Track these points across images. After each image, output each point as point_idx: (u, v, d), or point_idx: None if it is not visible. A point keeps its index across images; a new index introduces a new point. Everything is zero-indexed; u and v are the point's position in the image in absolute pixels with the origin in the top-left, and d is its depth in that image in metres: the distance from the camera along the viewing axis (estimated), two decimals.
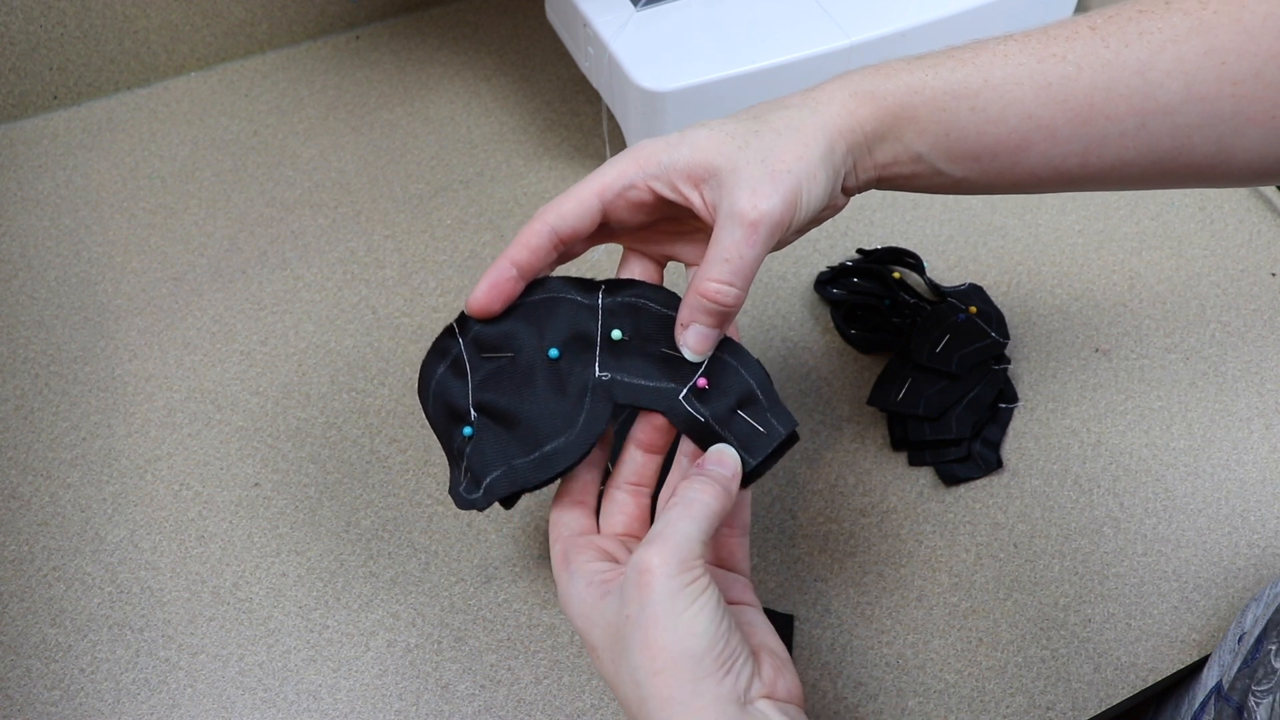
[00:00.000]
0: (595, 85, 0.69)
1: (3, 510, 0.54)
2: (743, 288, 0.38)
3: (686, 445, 0.41)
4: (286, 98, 0.74)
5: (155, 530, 0.53)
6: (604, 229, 0.41)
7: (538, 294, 0.41)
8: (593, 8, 0.65)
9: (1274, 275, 0.64)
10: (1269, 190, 0.68)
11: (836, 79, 0.40)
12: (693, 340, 0.39)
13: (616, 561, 0.38)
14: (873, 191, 0.68)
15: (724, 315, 0.39)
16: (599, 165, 0.69)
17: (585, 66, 0.69)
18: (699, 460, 0.39)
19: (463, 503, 0.41)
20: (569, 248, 0.41)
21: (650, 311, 0.41)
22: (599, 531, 0.40)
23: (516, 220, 0.67)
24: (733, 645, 0.34)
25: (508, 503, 0.41)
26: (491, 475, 0.40)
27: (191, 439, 0.57)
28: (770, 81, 0.64)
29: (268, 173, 0.69)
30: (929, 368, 0.57)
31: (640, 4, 0.66)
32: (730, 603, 0.39)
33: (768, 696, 0.35)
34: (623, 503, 0.41)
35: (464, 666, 0.49)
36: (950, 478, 0.55)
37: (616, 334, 0.41)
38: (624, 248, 0.44)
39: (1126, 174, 0.39)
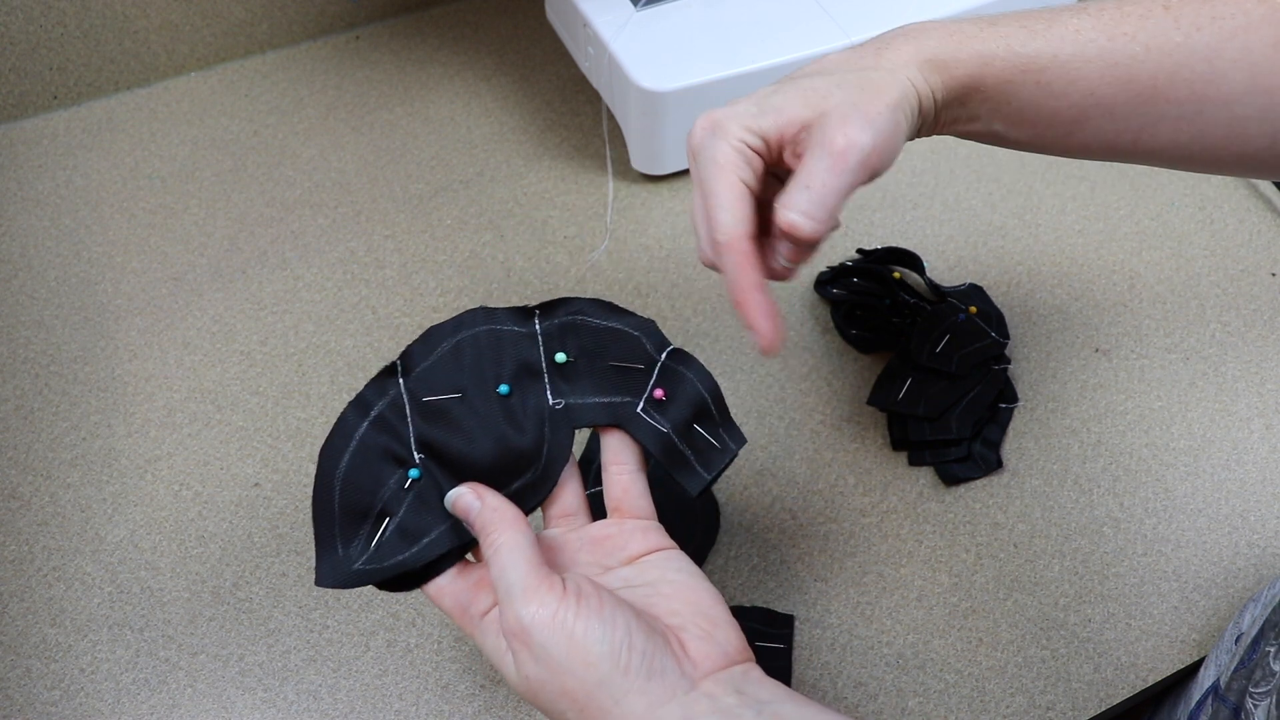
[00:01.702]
0: (595, 85, 0.69)
1: (3, 510, 0.54)
2: (823, 220, 0.36)
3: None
4: (286, 98, 0.74)
5: (155, 530, 0.53)
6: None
7: (471, 329, 0.40)
8: (593, 8, 0.65)
9: (1274, 275, 0.64)
10: (1269, 190, 0.68)
11: (905, 37, 0.40)
12: (791, 212, 0.36)
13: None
14: (873, 191, 0.68)
15: (802, 251, 0.38)
16: (599, 165, 0.69)
17: (585, 66, 0.69)
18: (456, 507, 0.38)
19: (347, 576, 0.37)
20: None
21: (590, 327, 0.41)
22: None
23: (516, 220, 0.67)
24: (639, 646, 0.33)
25: (408, 582, 0.38)
26: (435, 531, 0.38)
27: (191, 439, 0.57)
28: (770, 82, 0.64)
29: (268, 173, 0.69)
30: (929, 368, 0.57)
31: (640, 4, 0.66)
32: (634, 559, 0.38)
33: (708, 673, 0.34)
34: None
35: (464, 666, 0.49)
36: (950, 478, 0.55)
37: (561, 357, 0.40)
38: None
39: (1176, 155, 0.39)
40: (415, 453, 0.39)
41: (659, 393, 0.40)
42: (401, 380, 0.40)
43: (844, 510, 0.54)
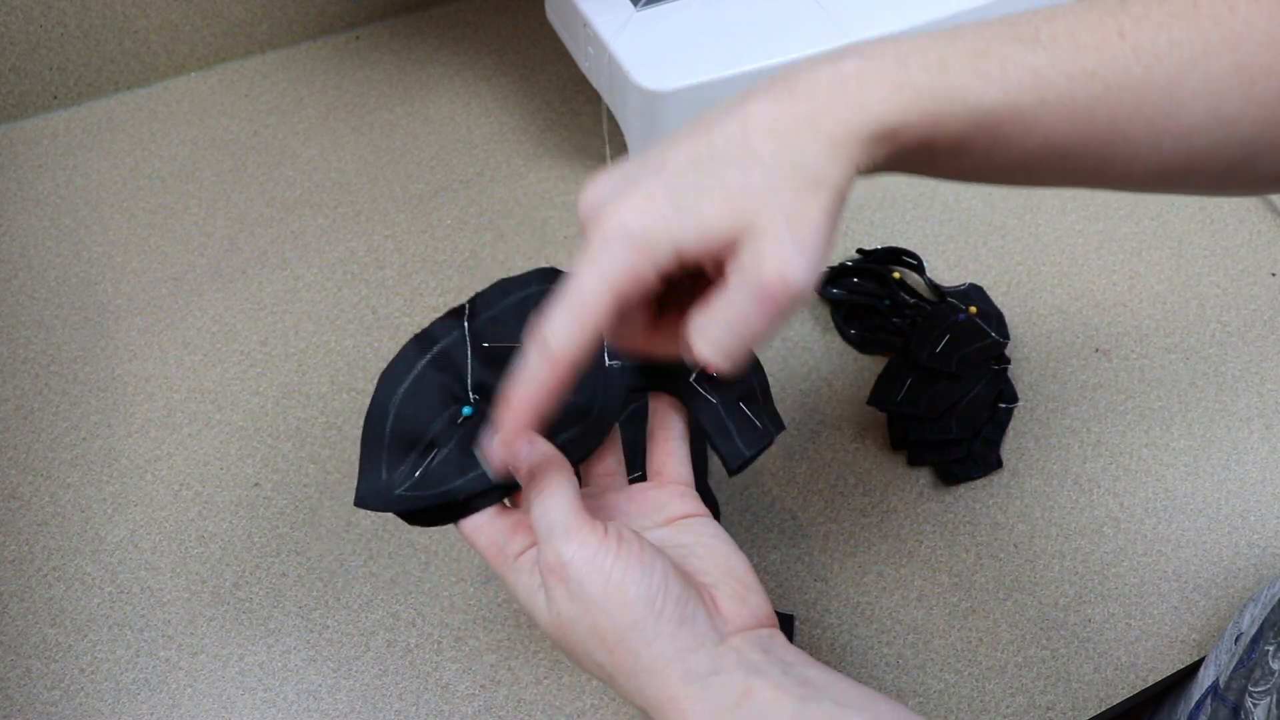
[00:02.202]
0: (595, 85, 0.69)
1: (3, 510, 0.54)
2: (740, 357, 0.33)
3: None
4: (286, 98, 0.74)
5: (155, 530, 0.53)
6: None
7: (541, 285, 0.41)
8: (593, 8, 0.65)
9: (1274, 275, 0.64)
10: None
11: (846, 93, 0.34)
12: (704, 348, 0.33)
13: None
14: (873, 191, 0.68)
15: (736, 363, 0.34)
16: (599, 165, 0.69)
17: (585, 66, 0.69)
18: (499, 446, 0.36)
19: (388, 500, 0.37)
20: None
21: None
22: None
23: (516, 220, 0.67)
24: (674, 593, 0.33)
25: (438, 517, 0.38)
26: (481, 468, 0.37)
27: (191, 439, 0.57)
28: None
29: (268, 173, 0.69)
30: (929, 368, 0.56)
31: (640, 4, 0.66)
32: (672, 521, 0.38)
33: (737, 630, 0.34)
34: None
35: (464, 666, 0.49)
36: (950, 478, 0.55)
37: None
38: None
39: (1127, 185, 0.38)
40: (471, 393, 0.40)
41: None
42: (467, 323, 0.41)
43: (844, 510, 0.54)
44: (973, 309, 0.59)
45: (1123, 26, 0.35)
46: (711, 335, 0.32)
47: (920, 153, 0.35)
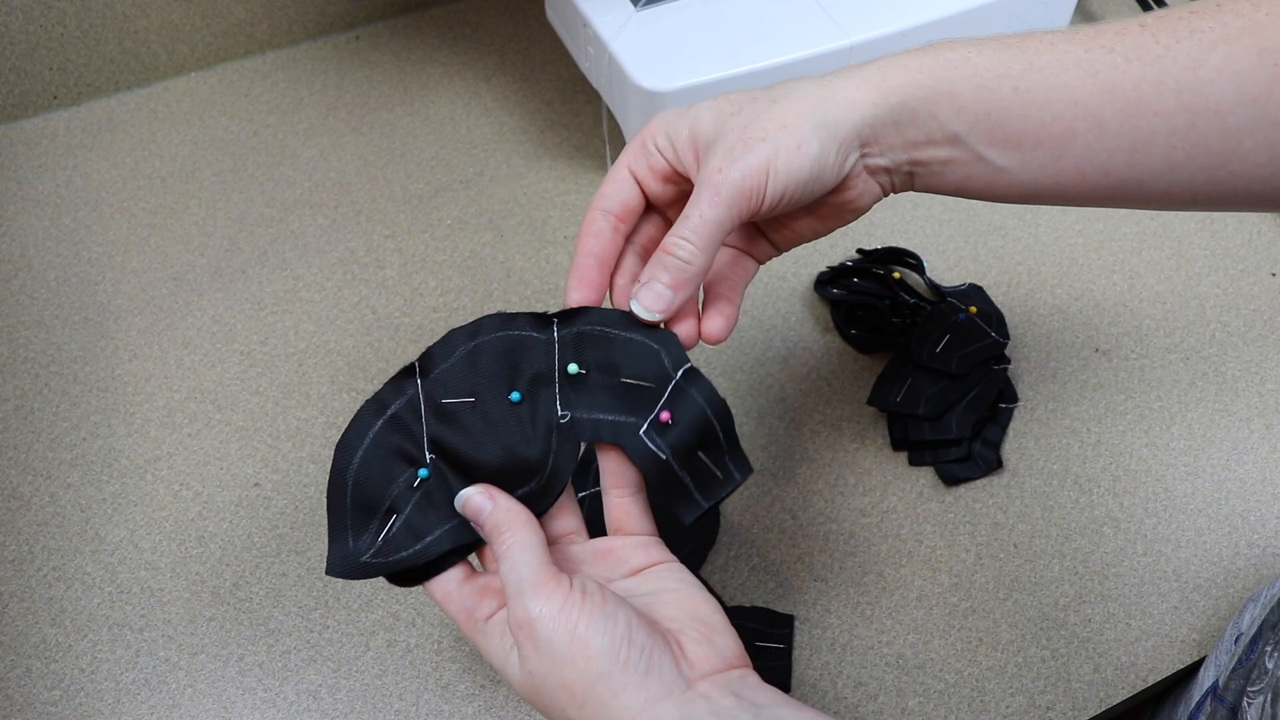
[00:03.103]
0: (595, 85, 0.69)
1: (3, 510, 0.54)
2: (700, 246, 0.37)
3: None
4: (286, 98, 0.74)
5: (155, 530, 0.53)
6: (655, 211, 0.41)
7: (489, 334, 0.40)
8: (593, 8, 0.65)
9: (1274, 275, 0.64)
10: None
11: (876, 59, 0.38)
12: (646, 296, 0.38)
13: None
14: None
15: (680, 274, 0.37)
16: (599, 165, 0.70)
17: (585, 66, 0.69)
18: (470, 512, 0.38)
19: (355, 568, 0.38)
20: (629, 227, 0.41)
21: (607, 338, 0.40)
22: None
23: (516, 220, 0.67)
24: (638, 642, 0.34)
25: (414, 577, 0.39)
26: (439, 530, 0.38)
27: (191, 439, 0.57)
28: (770, 82, 0.64)
29: (268, 173, 0.69)
30: (929, 368, 0.57)
31: (640, 4, 0.66)
32: (636, 571, 0.38)
33: (705, 675, 0.34)
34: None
35: (464, 666, 0.49)
36: (950, 478, 0.55)
37: (573, 368, 0.39)
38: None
39: (1175, 180, 0.37)
40: (427, 453, 0.39)
41: (665, 415, 0.39)
42: (419, 381, 0.40)
43: (844, 510, 0.54)
44: (973, 309, 0.59)
45: (1143, 20, 0.36)
46: (675, 227, 0.37)
47: (944, 100, 0.37)
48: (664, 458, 0.38)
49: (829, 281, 0.62)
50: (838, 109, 0.37)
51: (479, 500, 0.38)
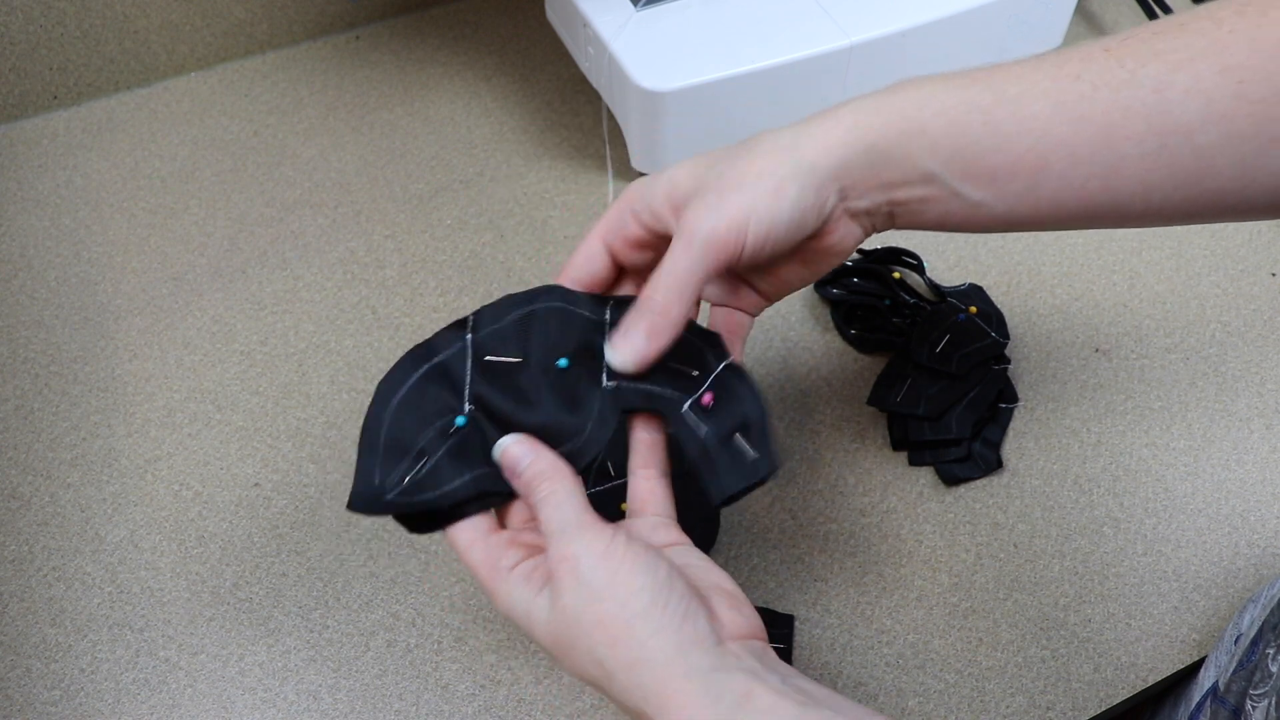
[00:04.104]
0: (595, 85, 0.69)
1: (3, 510, 0.54)
2: (673, 298, 0.38)
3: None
4: (286, 98, 0.74)
5: (155, 530, 0.53)
6: (634, 272, 0.42)
7: (545, 303, 0.41)
8: (593, 8, 0.65)
9: (1274, 275, 0.64)
10: None
11: (846, 101, 0.39)
12: (622, 347, 0.39)
13: (540, 550, 0.37)
14: None
15: (654, 323, 0.38)
16: (599, 165, 0.70)
17: (585, 66, 0.69)
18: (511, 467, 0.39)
19: (378, 505, 0.39)
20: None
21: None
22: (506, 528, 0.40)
23: (516, 220, 0.67)
24: (678, 590, 0.34)
25: (433, 524, 0.39)
26: (466, 476, 0.38)
27: (191, 439, 0.57)
28: (770, 81, 0.64)
29: (268, 173, 0.69)
30: (929, 368, 0.57)
31: (640, 4, 0.66)
32: (659, 547, 0.38)
33: (733, 637, 0.35)
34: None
35: (464, 666, 0.49)
36: (950, 478, 0.55)
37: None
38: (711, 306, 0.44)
39: (1151, 200, 0.38)
40: (467, 403, 0.40)
41: (707, 398, 0.40)
42: (470, 335, 0.41)
43: (844, 510, 0.54)
44: (973, 309, 0.59)
45: (1108, 45, 0.37)
46: (652, 279, 0.38)
47: (916, 138, 0.38)
48: (701, 435, 0.40)
49: (829, 281, 0.62)
50: (813, 152, 0.37)
51: (518, 449, 0.38)
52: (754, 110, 0.66)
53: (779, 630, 0.50)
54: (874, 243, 0.65)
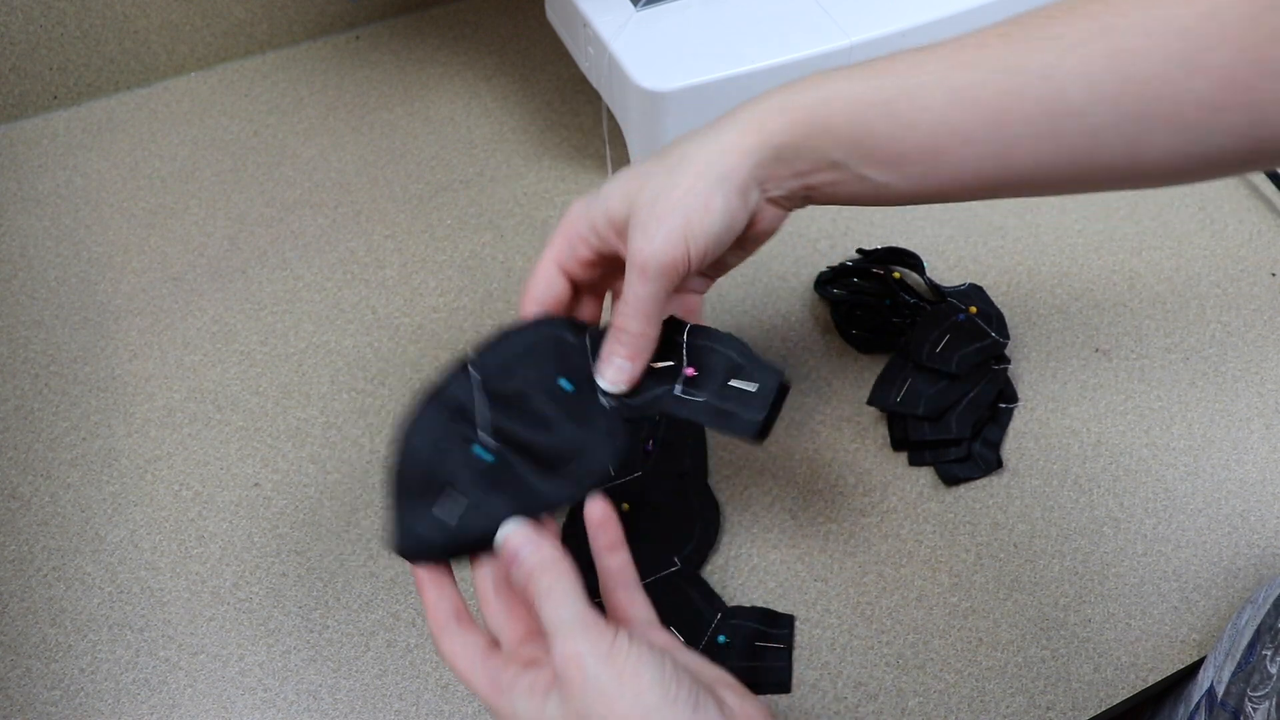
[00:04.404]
0: (595, 85, 0.69)
1: (3, 510, 0.54)
2: (643, 323, 0.41)
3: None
4: (286, 98, 0.74)
5: (155, 530, 0.53)
6: (588, 287, 0.45)
7: (539, 330, 0.44)
8: (593, 8, 0.65)
9: (1274, 275, 0.64)
10: (1269, 190, 0.68)
11: (756, 97, 0.41)
12: (610, 372, 0.42)
13: (536, 664, 0.38)
14: None
15: (633, 346, 0.42)
16: (599, 165, 0.69)
17: (585, 66, 0.69)
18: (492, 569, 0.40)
19: (420, 546, 0.40)
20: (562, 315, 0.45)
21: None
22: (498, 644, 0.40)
23: (516, 220, 0.67)
24: (686, 684, 0.35)
25: (470, 549, 0.40)
26: (495, 510, 0.40)
27: (191, 439, 0.57)
28: (770, 82, 0.64)
29: (268, 173, 0.69)
30: (929, 368, 0.57)
31: (640, 4, 0.66)
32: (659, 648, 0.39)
33: None
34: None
35: None
36: (950, 478, 0.55)
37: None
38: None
39: (1047, 176, 0.40)
40: (488, 436, 0.42)
41: (689, 371, 0.43)
42: (474, 371, 0.42)
43: (844, 510, 0.54)
44: (973, 309, 0.59)
45: (1003, 30, 0.39)
46: (616, 313, 0.41)
47: (823, 135, 0.40)
48: (703, 400, 0.42)
49: (829, 281, 0.62)
50: (729, 162, 0.40)
51: (517, 539, 0.39)
52: None
53: (779, 630, 0.50)
54: (874, 243, 0.65)
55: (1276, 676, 0.41)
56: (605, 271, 0.45)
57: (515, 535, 0.39)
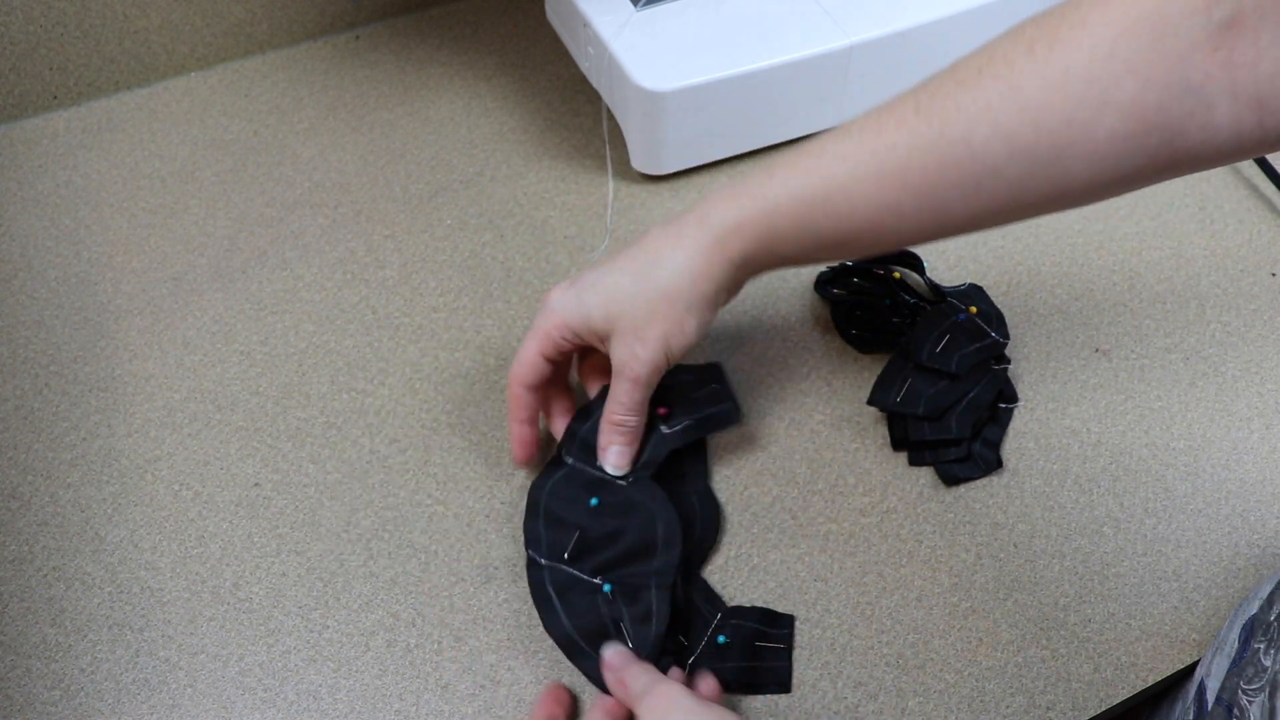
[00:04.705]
0: (595, 85, 0.69)
1: (3, 510, 0.54)
2: (635, 413, 0.50)
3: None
4: (286, 98, 0.74)
5: (155, 530, 0.53)
6: (562, 365, 0.53)
7: (547, 480, 0.52)
8: (593, 8, 0.65)
9: (1274, 275, 0.64)
10: (1269, 190, 0.68)
11: (702, 213, 0.47)
12: (613, 458, 0.51)
13: None
14: None
15: (629, 434, 0.50)
16: (599, 165, 0.70)
17: (585, 66, 0.69)
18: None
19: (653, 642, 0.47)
20: (542, 390, 0.53)
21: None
22: None
23: (516, 220, 0.67)
24: None
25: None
26: (655, 589, 0.48)
27: (191, 439, 0.57)
28: (770, 81, 0.64)
29: (268, 173, 0.69)
30: (929, 368, 0.56)
31: (640, 4, 0.66)
32: None
33: None
34: None
35: (464, 666, 0.49)
36: (950, 478, 0.55)
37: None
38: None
39: (982, 222, 0.44)
40: (594, 579, 0.49)
41: (661, 411, 0.52)
42: (533, 555, 0.50)
43: (844, 510, 0.54)
44: (973, 309, 0.59)
45: (919, 103, 0.42)
46: (609, 410, 0.50)
47: (773, 238, 0.46)
48: (688, 423, 0.53)
49: (829, 281, 0.62)
50: (699, 289, 0.47)
51: (622, 661, 0.46)
52: (754, 110, 0.66)
53: (779, 630, 0.50)
54: None
55: (1271, 669, 0.41)
56: (580, 353, 0.55)
57: (613, 658, 0.46)
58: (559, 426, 0.54)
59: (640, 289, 0.48)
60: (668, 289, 0.47)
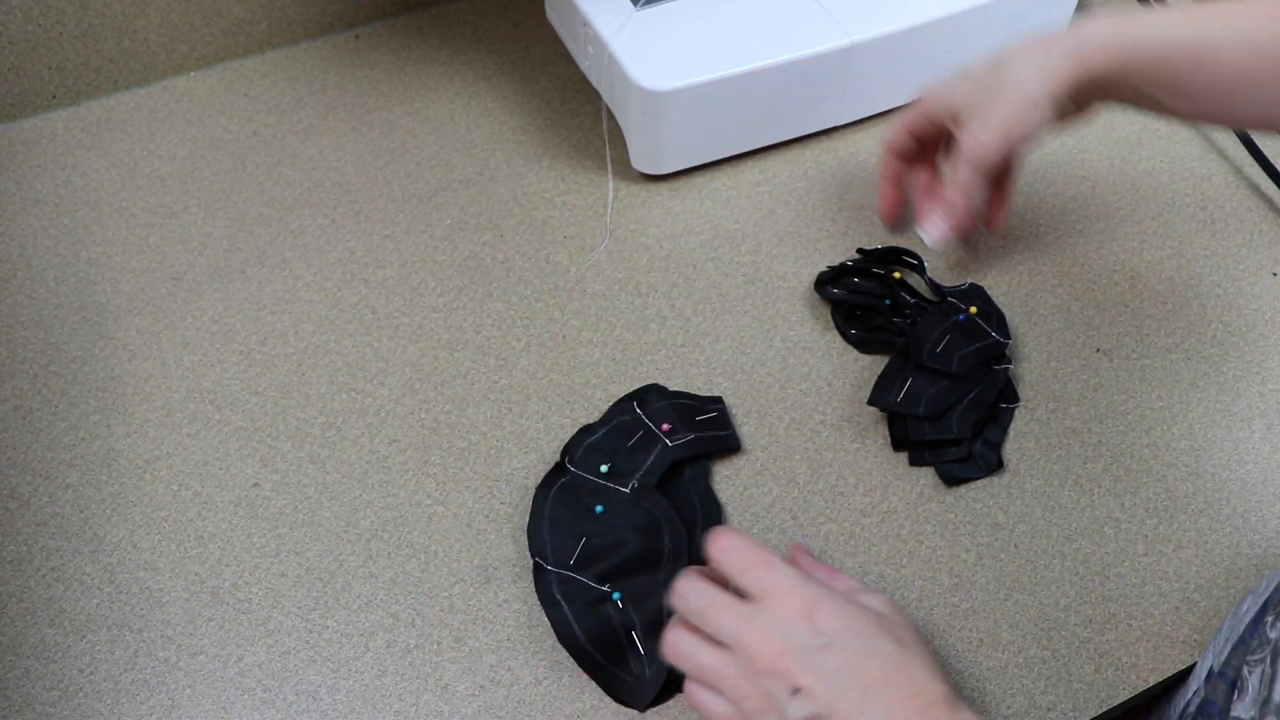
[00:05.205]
0: (595, 85, 0.69)
1: (2, 510, 0.54)
2: (968, 199, 0.55)
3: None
4: (286, 98, 0.74)
5: (155, 530, 0.53)
6: (929, 146, 0.60)
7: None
8: (593, 8, 0.65)
9: (1274, 275, 0.64)
10: (1269, 190, 0.68)
11: (1082, 25, 0.51)
12: (930, 226, 0.57)
13: None
14: (874, 192, 0.68)
15: (956, 217, 0.56)
16: (599, 165, 0.69)
17: (585, 66, 0.69)
18: None
19: (650, 691, 0.47)
20: (904, 163, 0.61)
21: (611, 427, 0.55)
22: None
23: (516, 220, 0.67)
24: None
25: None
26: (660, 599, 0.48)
27: (191, 439, 0.56)
28: (770, 81, 0.64)
29: (267, 173, 0.69)
30: (929, 368, 0.56)
31: (640, 4, 0.66)
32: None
33: None
34: None
35: (464, 666, 0.49)
36: (951, 478, 0.55)
37: (604, 468, 0.53)
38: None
39: None
40: (602, 587, 0.50)
41: (665, 427, 0.54)
42: (542, 562, 0.51)
43: (844, 510, 0.54)
44: (973, 309, 0.59)
45: None
46: (944, 190, 0.56)
47: (1133, 69, 0.49)
48: (691, 437, 0.54)
49: (829, 281, 0.62)
50: (1047, 85, 0.50)
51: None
52: (754, 110, 0.66)
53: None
54: (874, 242, 0.65)
55: (1275, 640, 0.41)
56: (937, 136, 0.59)
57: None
58: (921, 200, 0.61)
59: (996, 77, 0.52)
60: (1020, 79, 0.51)
